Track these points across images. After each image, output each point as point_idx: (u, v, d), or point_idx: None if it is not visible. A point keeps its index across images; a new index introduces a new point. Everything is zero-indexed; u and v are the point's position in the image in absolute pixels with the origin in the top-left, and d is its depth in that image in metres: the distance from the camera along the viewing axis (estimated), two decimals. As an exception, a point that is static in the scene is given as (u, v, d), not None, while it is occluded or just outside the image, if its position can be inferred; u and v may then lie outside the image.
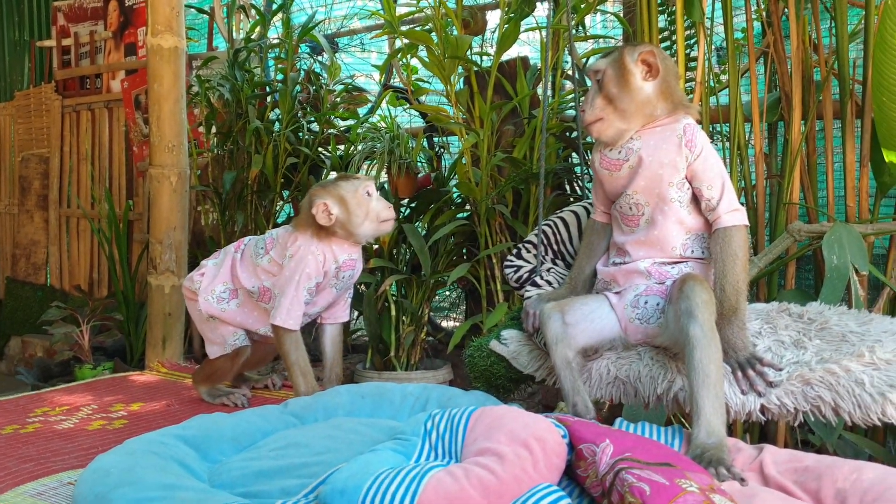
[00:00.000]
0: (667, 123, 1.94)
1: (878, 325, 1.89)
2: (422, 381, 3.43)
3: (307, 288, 2.57)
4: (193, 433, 1.88)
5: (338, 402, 2.16)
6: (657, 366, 1.93)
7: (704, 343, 1.69)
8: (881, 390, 1.62)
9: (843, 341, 1.82)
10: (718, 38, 3.24)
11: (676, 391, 1.86)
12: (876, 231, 2.53)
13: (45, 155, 5.94)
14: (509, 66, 3.60)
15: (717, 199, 1.88)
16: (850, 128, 2.64)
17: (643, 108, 1.93)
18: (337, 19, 5.24)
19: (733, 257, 1.85)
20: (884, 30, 2.29)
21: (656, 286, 1.95)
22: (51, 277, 5.88)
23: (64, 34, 5.83)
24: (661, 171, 1.91)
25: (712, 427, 1.64)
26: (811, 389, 1.69)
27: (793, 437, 2.73)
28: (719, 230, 1.88)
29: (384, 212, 2.60)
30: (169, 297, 3.65)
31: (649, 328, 1.95)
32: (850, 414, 1.65)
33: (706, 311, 1.72)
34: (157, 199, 3.71)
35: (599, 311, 2.03)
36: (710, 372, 1.67)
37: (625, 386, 1.97)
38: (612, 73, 1.95)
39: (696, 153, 1.89)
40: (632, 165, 1.95)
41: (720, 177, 1.90)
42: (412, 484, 1.31)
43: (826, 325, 1.93)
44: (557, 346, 1.97)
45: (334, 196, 2.55)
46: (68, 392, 3.03)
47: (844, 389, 1.65)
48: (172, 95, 3.68)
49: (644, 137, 1.94)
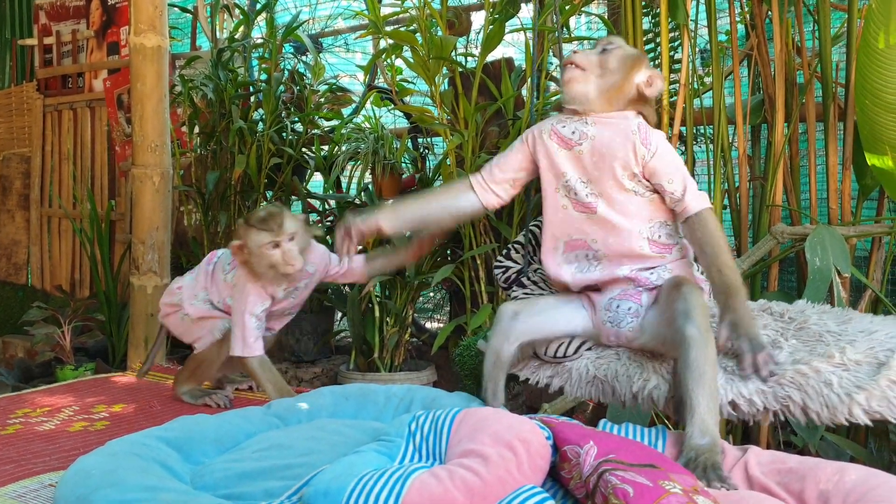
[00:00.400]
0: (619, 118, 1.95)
1: (857, 324, 1.90)
2: (406, 382, 3.42)
3: (255, 315, 2.67)
4: (176, 434, 1.87)
5: (321, 403, 2.15)
6: (634, 365, 1.94)
7: (701, 343, 1.69)
8: (848, 391, 1.63)
9: (818, 341, 1.83)
10: (702, 40, 3.25)
11: (651, 389, 1.87)
12: (858, 233, 2.54)
13: (26, 154, 5.89)
14: (494, 67, 3.60)
15: (681, 191, 1.89)
16: (832, 130, 2.66)
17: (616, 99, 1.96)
18: (321, 19, 5.23)
19: (717, 238, 1.86)
20: (867, 34, 2.30)
21: (632, 291, 1.96)
22: (32, 277, 5.84)
23: (46, 33, 5.79)
24: (614, 164, 1.91)
25: (706, 426, 1.64)
26: (781, 389, 1.70)
27: (775, 439, 2.75)
28: (692, 217, 1.88)
29: (283, 266, 2.61)
30: (151, 297, 3.63)
31: (621, 332, 1.97)
32: (817, 414, 1.66)
33: (702, 314, 1.72)
34: (139, 199, 3.69)
35: (565, 307, 2.05)
36: (706, 371, 1.67)
37: (603, 385, 1.97)
38: (624, 54, 1.97)
39: (652, 151, 1.90)
40: (581, 151, 1.95)
41: (678, 169, 1.91)
42: (396, 485, 1.31)
43: (805, 324, 1.94)
44: (496, 337, 2.04)
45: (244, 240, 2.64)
46: (49, 393, 3.01)
47: (813, 390, 1.66)
48: (155, 95, 3.66)
49: (598, 125, 1.95)
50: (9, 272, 5.88)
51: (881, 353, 1.71)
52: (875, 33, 2.28)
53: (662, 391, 1.84)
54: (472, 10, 4.02)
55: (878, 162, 2.43)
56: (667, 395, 1.84)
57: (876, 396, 1.61)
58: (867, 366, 1.68)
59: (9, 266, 5.88)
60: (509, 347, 2.02)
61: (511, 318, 2.02)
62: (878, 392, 1.61)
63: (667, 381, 1.85)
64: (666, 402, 1.84)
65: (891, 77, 2.29)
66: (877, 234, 2.57)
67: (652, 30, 3.12)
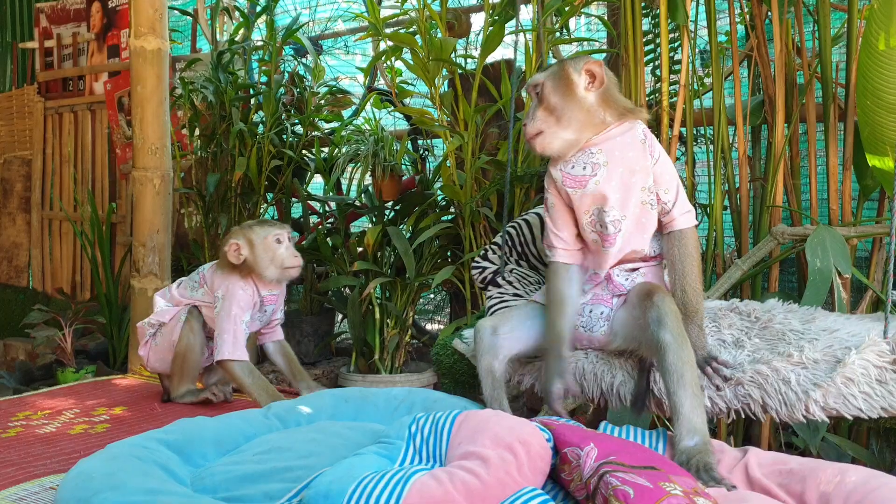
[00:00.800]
0: (624, 131, 1.90)
1: (821, 322, 1.95)
2: (406, 383, 3.42)
3: (245, 321, 2.74)
4: (176, 437, 1.86)
5: (321, 405, 2.15)
6: (601, 363, 1.97)
7: (675, 347, 1.71)
8: (805, 388, 1.67)
9: (780, 340, 1.88)
10: (702, 41, 3.25)
11: (618, 386, 1.91)
12: (859, 234, 2.54)
13: (27, 157, 5.90)
14: (494, 68, 3.60)
15: (672, 202, 1.89)
16: (833, 131, 2.66)
17: (590, 118, 1.89)
18: (321, 21, 5.23)
19: (690, 258, 1.87)
20: (869, 34, 2.30)
21: (605, 295, 1.96)
22: (33, 280, 5.84)
23: (46, 36, 5.80)
24: (634, 179, 1.87)
25: (693, 425, 1.65)
26: (741, 388, 1.74)
27: (776, 440, 2.74)
28: (674, 232, 1.89)
29: (289, 260, 2.77)
30: (152, 300, 3.63)
31: (594, 336, 1.98)
32: (776, 411, 1.70)
33: (675, 320, 1.74)
34: (140, 202, 3.69)
35: (538, 315, 2.05)
36: (685, 372, 1.69)
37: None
38: (553, 84, 1.91)
39: (655, 158, 1.89)
40: (599, 181, 1.88)
41: (675, 179, 1.91)
42: (396, 488, 1.30)
43: (769, 323, 1.98)
44: (483, 356, 2.02)
45: (245, 238, 2.75)
46: (50, 396, 3.01)
47: (772, 388, 1.70)
48: (156, 97, 3.67)
49: (605, 149, 1.89)
50: (10, 275, 5.88)
51: (839, 351, 1.74)
52: (877, 34, 2.28)
53: (628, 387, 1.90)
54: (471, 12, 4.03)
55: (878, 163, 2.43)
56: (632, 392, 1.89)
57: (832, 393, 1.65)
58: (825, 364, 1.72)
59: (10, 269, 5.89)
60: (500, 365, 2.02)
61: (491, 333, 2.02)
62: (833, 389, 1.65)
63: (632, 378, 1.90)
64: (632, 398, 1.89)
65: (892, 78, 2.29)
66: (877, 234, 2.57)
67: (652, 31, 3.12)
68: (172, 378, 2.86)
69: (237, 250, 2.73)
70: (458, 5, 4.11)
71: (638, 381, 1.89)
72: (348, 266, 3.78)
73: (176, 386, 2.85)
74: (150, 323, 2.90)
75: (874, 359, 1.67)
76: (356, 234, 3.98)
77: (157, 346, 2.87)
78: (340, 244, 3.87)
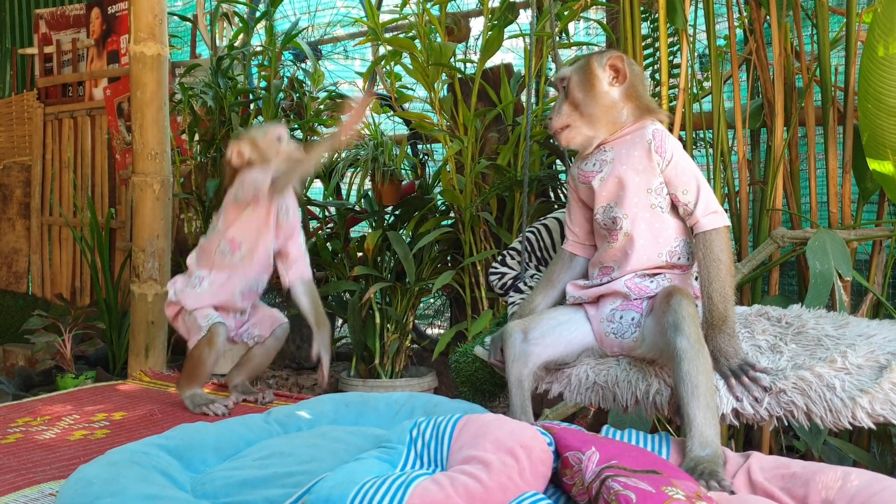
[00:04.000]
0: (635, 130, 1.92)
1: (855, 328, 1.90)
2: (406, 388, 3.42)
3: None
4: (176, 443, 1.86)
5: (322, 410, 2.15)
6: (634, 371, 1.93)
7: (692, 354, 1.67)
8: (851, 395, 1.63)
9: (818, 346, 1.83)
10: (701, 45, 3.25)
11: (653, 394, 1.86)
12: (859, 237, 2.54)
13: (27, 163, 5.89)
14: (493, 73, 3.60)
15: (694, 203, 1.85)
16: (832, 134, 2.66)
17: (610, 114, 1.92)
18: (320, 26, 5.23)
19: (717, 262, 1.82)
20: (871, 38, 2.30)
21: (634, 301, 1.93)
22: (32, 286, 5.84)
23: (46, 42, 5.80)
24: (637, 179, 1.88)
25: (705, 438, 1.63)
26: (784, 395, 1.70)
27: (777, 443, 2.74)
28: (700, 235, 1.85)
29: (295, 152, 2.81)
30: (152, 305, 3.63)
31: (625, 342, 1.94)
32: (821, 418, 1.66)
33: (692, 324, 1.70)
34: (139, 207, 3.69)
35: (571, 322, 2.01)
36: (700, 383, 1.66)
37: (603, 391, 1.96)
38: (578, 78, 1.94)
39: (667, 159, 1.87)
40: (604, 177, 1.92)
41: (694, 179, 1.87)
42: (398, 492, 1.30)
43: (803, 328, 1.94)
44: (514, 364, 1.97)
45: (247, 140, 2.78)
46: (50, 402, 3.00)
47: (816, 394, 1.66)
48: (155, 103, 3.67)
49: (616, 147, 1.92)
50: (9, 281, 5.88)
51: (882, 356, 1.71)
52: (879, 38, 2.28)
53: (664, 396, 1.83)
54: (470, 17, 4.03)
55: (879, 166, 2.43)
56: (669, 400, 1.83)
57: (879, 399, 1.61)
58: (869, 369, 1.68)
59: (9, 274, 5.88)
60: (528, 374, 1.98)
61: (522, 340, 1.98)
62: (881, 395, 1.61)
63: (668, 386, 1.84)
64: (669, 406, 1.84)
65: (893, 82, 2.29)
66: (877, 237, 2.57)
67: (651, 35, 3.13)
68: (182, 375, 2.85)
69: (239, 153, 2.75)
70: (457, 10, 4.12)
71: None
72: (348, 271, 3.78)
73: (183, 386, 2.83)
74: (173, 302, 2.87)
75: None
76: (356, 238, 3.98)
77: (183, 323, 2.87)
78: (340, 249, 3.87)
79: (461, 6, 4.21)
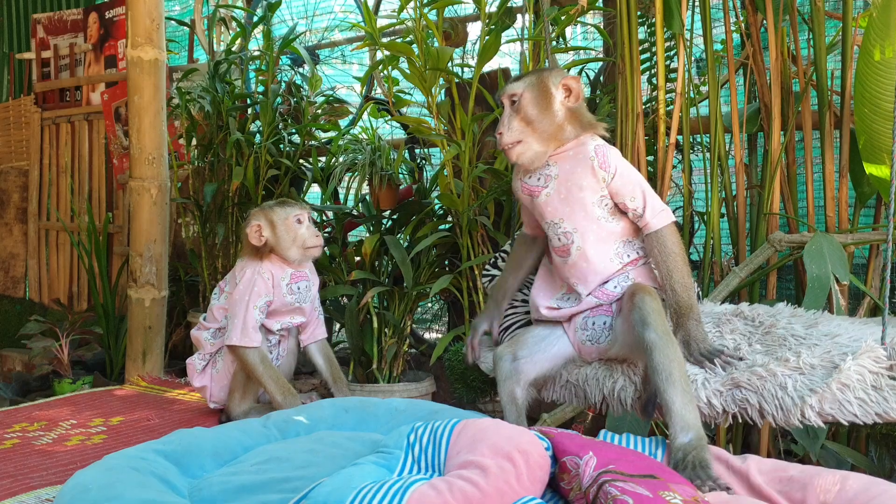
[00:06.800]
0: (575, 146, 1.98)
1: (825, 327, 1.96)
2: (404, 393, 3.41)
3: (257, 306, 2.73)
4: (174, 448, 1.86)
5: (320, 415, 2.15)
6: (603, 369, 2.00)
7: (661, 345, 1.73)
8: (801, 394, 1.68)
9: (781, 345, 1.89)
10: (698, 49, 3.26)
11: (618, 391, 1.93)
12: (856, 241, 2.54)
13: (24, 168, 5.89)
14: (490, 77, 3.60)
15: (642, 207, 1.94)
16: (829, 138, 2.66)
17: (558, 131, 1.97)
18: (318, 31, 5.24)
19: (673, 256, 1.91)
20: (867, 43, 2.31)
21: (603, 306, 2.00)
22: (30, 291, 5.83)
23: (43, 46, 5.80)
24: (582, 195, 1.95)
25: (686, 421, 1.67)
26: (739, 392, 1.75)
27: (775, 447, 2.74)
28: (652, 234, 1.94)
29: (311, 240, 2.81)
30: (149, 310, 3.63)
31: (601, 346, 2.01)
32: (773, 416, 1.71)
33: (658, 318, 1.77)
34: (137, 212, 3.69)
35: (552, 336, 2.09)
36: (673, 370, 1.71)
37: (575, 388, 2.05)
38: (532, 95, 1.97)
39: (611, 172, 1.94)
40: (549, 193, 1.99)
41: (639, 186, 1.95)
42: (395, 498, 1.30)
43: (772, 328, 2.00)
44: (505, 382, 2.07)
45: (266, 219, 2.77)
46: (47, 407, 3.00)
47: (769, 393, 1.71)
48: (153, 108, 3.67)
49: (559, 163, 1.98)
50: (6, 285, 5.87)
51: (837, 356, 1.75)
52: (875, 43, 2.29)
53: (629, 392, 1.91)
54: (468, 21, 4.03)
55: (875, 170, 2.43)
56: (633, 396, 1.91)
57: (828, 399, 1.66)
58: (822, 369, 1.73)
59: (6, 279, 5.88)
60: (521, 391, 2.07)
61: (511, 361, 2.06)
62: (829, 395, 1.66)
63: (633, 383, 1.92)
64: (633, 402, 1.91)
65: (889, 86, 2.29)
66: (874, 241, 2.57)
67: (648, 39, 3.13)
68: (232, 394, 2.82)
69: (258, 231, 2.75)
70: (454, 14, 4.12)
71: (645, 386, 1.89)
72: (346, 275, 3.78)
73: (237, 403, 2.81)
74: (201, 356, 2.89)
75: (870, 364, 1.67)
76: (353, 243, 3.98)
77: (218, 373, 2.85)
78: (338, 253, 3.87)
79: (458, 11, 4.21)
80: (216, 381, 2.84)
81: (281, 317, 2.83)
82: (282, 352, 2.89)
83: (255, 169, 4.15)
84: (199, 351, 2.90)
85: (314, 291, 2.92)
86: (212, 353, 2.87)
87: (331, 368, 2.98)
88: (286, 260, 2.79)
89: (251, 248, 2.79)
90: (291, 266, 2.80)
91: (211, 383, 2.85)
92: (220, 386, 2.84)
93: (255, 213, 2.81)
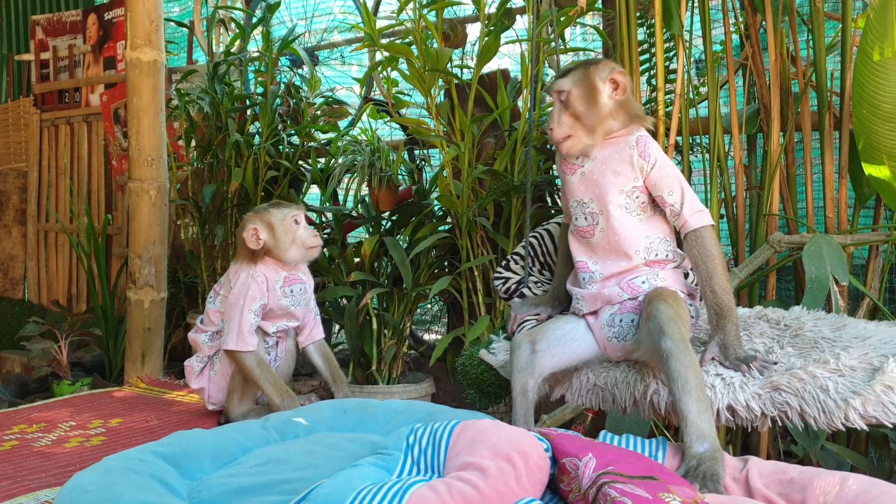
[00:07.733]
0: (622, 135, 1.97)
1: (852, 329, 1.94)
2: (404, 394, 3.41)
3: (252, 310, 2.70)
4: (172, 450, 1.85)
5: (319, 417, 2.14)
6: (633, 372, 1.96)
7: (677, 353, 1.71)
8: (844, 396, 1.65)
9: (813, 348, 1.86)
10: (697, 50, 3.26)
11: (651, 394, 1.88)
12: (855, 241, 2.54)
13: (23, 169, 5.89)
14: (490, 78, 3.60)
15: (680, 203, 1.92)
16: (828, 139, 2.66)
17: (606, 123, 1.97)
18: (317, 32, 5.24)
19: (712, 258, 1.88)
20: (865, 44, 2.31)
21: (629, 303, 1.96)
22: (29, 292, 5.83)
23: (42, 48, 5.80)
24: (614, 180, 1.94)
25: (701, 431, 1.65)
26: (779, 395, 1.72)
27: (775, 448, 2.74)
28: (690, 234, 1.92)
29: (310, 240, 2.79)
30: (148, 311, 3.63)
31: (627, 344, 1.97)
32: (815, 419, 1.67)
33: (674, 325, 1.74)
34: (136, 213, 3.69)
35: (574, 332, 2.05)
36: (689, 378, 1.68)
37: (603, 392, 1.99)
38: (580, 92, 1.97)
39: (650, 163, 1.93)
40: (584, 172, 1.99)
41: (678, 181, 1.94)
42: (394, 499, 1.30)
43: (800, 331, 1.97)
44: (520, 374, 2.02)
45: (263, 222, 2.74)
46: (46, 408, 3.00)
47: (810, 395, 1.68)
48: (152, 109, 3.67)
49: (602, 148, 1.98)
50: (5, 287, 5.87)
51: (875, 358, 1.73)
52: (873, 44, 2.29)
53: (662, 395, 1.85)
54: (467, 22, 4.03)
55: (875, 171, 2.43)
56: (667, 400, 1.85)
57: (871, 401, 1.62)
58: (862, 371, 1.70)
59: (5, 281, 5.88)
60: (534, 384, 2.02)
61: (530, 352, 2.02)
62: (873, 397, 1.62)
63: (665, 386, 1.86)
64: (667, 406, 1.85)
65: (888, 87, 2.29)
66: (874, 242, 2.57)
67: (647, 40, 3.13)
68: (231, 396, 2.81)
69: (255, 234, 2.72)
70: (453, 16, 4.12)
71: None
72: (345, 276, 3.78)
73: (236, 405, 2.80)
74: (199, 359, 2.88)
75: None
76: (353, 244, 3.97)
77: (216, 375, 2.84)
78: (337, 255, 3.87)
79: (458, 12, 4.21)
80: (214, 382, 2.84)
81: (277, 319, 2.82)
82: (280, 353, 2.88)
83: (255, 170, 4.15)
84: (197, 353, 2.89)
85: (310, 293, 2.90)
86: (209, 355, 2.86)
87: (330, 368, 2.95)
88: (281, 262, 2.77)
89: (246, 252, 2.77)
90: (285, 269, 2.79)
91: (209, 385, 2.84)
92: (218, 388, 2.83)
93: (251, 216, 2.78)
